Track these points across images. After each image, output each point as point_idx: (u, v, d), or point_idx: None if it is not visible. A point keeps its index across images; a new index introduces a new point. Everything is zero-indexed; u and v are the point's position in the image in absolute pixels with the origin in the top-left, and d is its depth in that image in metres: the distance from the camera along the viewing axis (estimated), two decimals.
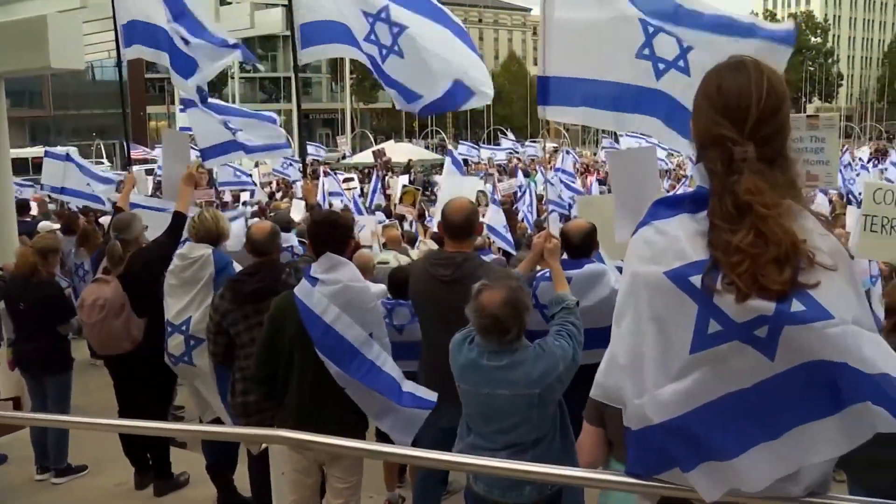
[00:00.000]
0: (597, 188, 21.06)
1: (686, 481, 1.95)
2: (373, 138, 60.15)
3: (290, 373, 4.25)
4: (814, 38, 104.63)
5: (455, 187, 12.79)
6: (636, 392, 1.96)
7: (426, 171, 31.47)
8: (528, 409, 3.57)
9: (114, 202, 9.50)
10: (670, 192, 3.29)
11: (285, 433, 3.30)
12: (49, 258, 6.55)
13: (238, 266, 5.24)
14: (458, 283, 4.30)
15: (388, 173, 30.28)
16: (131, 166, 8.43)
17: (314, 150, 38.79)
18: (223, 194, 19.71)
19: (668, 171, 22.88)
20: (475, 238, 4.75)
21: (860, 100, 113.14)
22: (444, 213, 4.66)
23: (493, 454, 3.58)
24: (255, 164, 22.86)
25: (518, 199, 18.59)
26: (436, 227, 9.67)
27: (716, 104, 1.97)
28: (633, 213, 4.03)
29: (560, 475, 3.12)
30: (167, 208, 6.62)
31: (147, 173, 19.75)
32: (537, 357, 3.60)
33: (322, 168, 23.34)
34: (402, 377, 4.20)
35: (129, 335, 5.80)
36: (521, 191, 19.62)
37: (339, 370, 4.04)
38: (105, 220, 12.15)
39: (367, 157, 40.92)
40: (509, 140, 42.41)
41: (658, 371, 1.92)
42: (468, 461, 3.34)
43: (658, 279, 1.92)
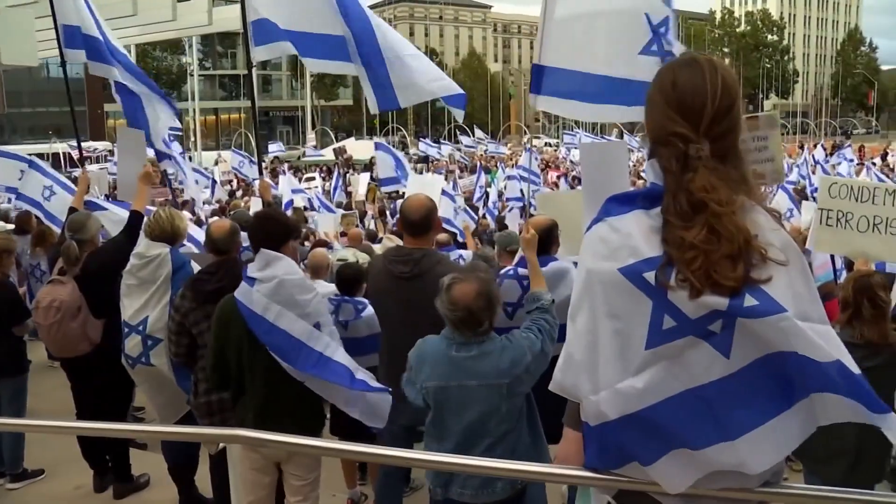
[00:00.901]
0: (564, 185, 21.27)
1: (645, 475, 1.97)
2: (333, 136, 59.99)
3: (242, 373, 4.24)
4: (771, 36, 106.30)
5: (419, 184, 12.88)
6: (592, 388, 1.97)
7: None
8: (497, 400, 3.60)
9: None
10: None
11: (242, 432, 3.29)
12: (2, 259, 6.43)
13: (196, 266, 5.20)
14: (417, 279, 4.32)
15: (350, 170, 30.18)
16: (85, 165, 8.31)
17: (276, 147, 38.60)
18: (180, 193, 19.51)
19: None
20: (434, 234, 4.75)
21: (815, 96, 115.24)
22: (403, 209, 4.67)
23: (465, 452, 3.59)
24: (215, 163, 22.71)
25: (478, 197, 18.71)
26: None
27: (671, 101, 1.97)
28: None
29: (520, 471, 3.15)
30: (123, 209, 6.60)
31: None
32: (504, 348, 3.63)
33: (284, 166, 23.25)
34: (355, 365, 4.18)
35: (86, 337, 5.72)
36: (481, 189, 19.72)
37: (290, 366, 4.04)
38: None
39: (328, 154, 40.83)
40: (470, 138, 42.56)
41: (615, 367, 1.93)
42: (426, 458, 3.36)
43: (612, 276, 1.93)
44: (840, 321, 4.79)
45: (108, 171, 18.37)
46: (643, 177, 15.80)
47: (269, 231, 4.30)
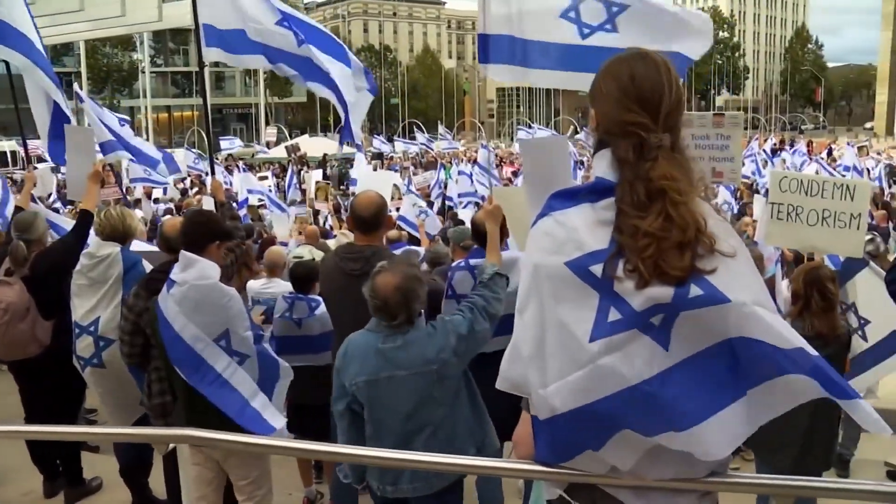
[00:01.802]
0: (518, 182, 21.33)
1: (596, 467, 2.01)
2: (287, 133, 59.51)
3: (172, 374, 4.23)
4: (722, 33, 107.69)
5: (371, 181, 12.93)
6: (541, 382, 1.98)
7: (341, 165, 31.31)
8: (428, 387, 3.64)
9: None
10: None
11: (192, 432, 3.25)
12: None
13: (148, 265, 5.14)
14: (368, 276, 4.31)
15: (304, 168, 29.99)
16: (30, 164, 8.14)
17: (228, 144, 38.11)
18: (133, 191, 19.27)
19: (580, 161, 23.16)
20: (384, 231, 4.76)
21: (765, 92, 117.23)
22: (353, 206, 4.67)
23: (406, 445, 3.62)
24: None
25: (437, 194, 18.75)
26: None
27: (629, 93, 2.00)
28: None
29: (471, 466, 3.18)
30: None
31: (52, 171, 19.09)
32: (429, 336, 3.67)
33: (239, 163, 23.04)
34: (254, 391, 4.09)
35: (35, 339, 5.60)
36: (437, 185, 19.77)
37: (187, 380, 4.05)
38: None
39: (281, 151, 40.49)
40: (425, 135, 42.53)
41: (562, 360, 1.94)
42: (371, 454, 3.37)
43: (559, 269, 1.95)
44: (791, 314, 4.91)
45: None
46: None
47: (188, 232, 4.27)
